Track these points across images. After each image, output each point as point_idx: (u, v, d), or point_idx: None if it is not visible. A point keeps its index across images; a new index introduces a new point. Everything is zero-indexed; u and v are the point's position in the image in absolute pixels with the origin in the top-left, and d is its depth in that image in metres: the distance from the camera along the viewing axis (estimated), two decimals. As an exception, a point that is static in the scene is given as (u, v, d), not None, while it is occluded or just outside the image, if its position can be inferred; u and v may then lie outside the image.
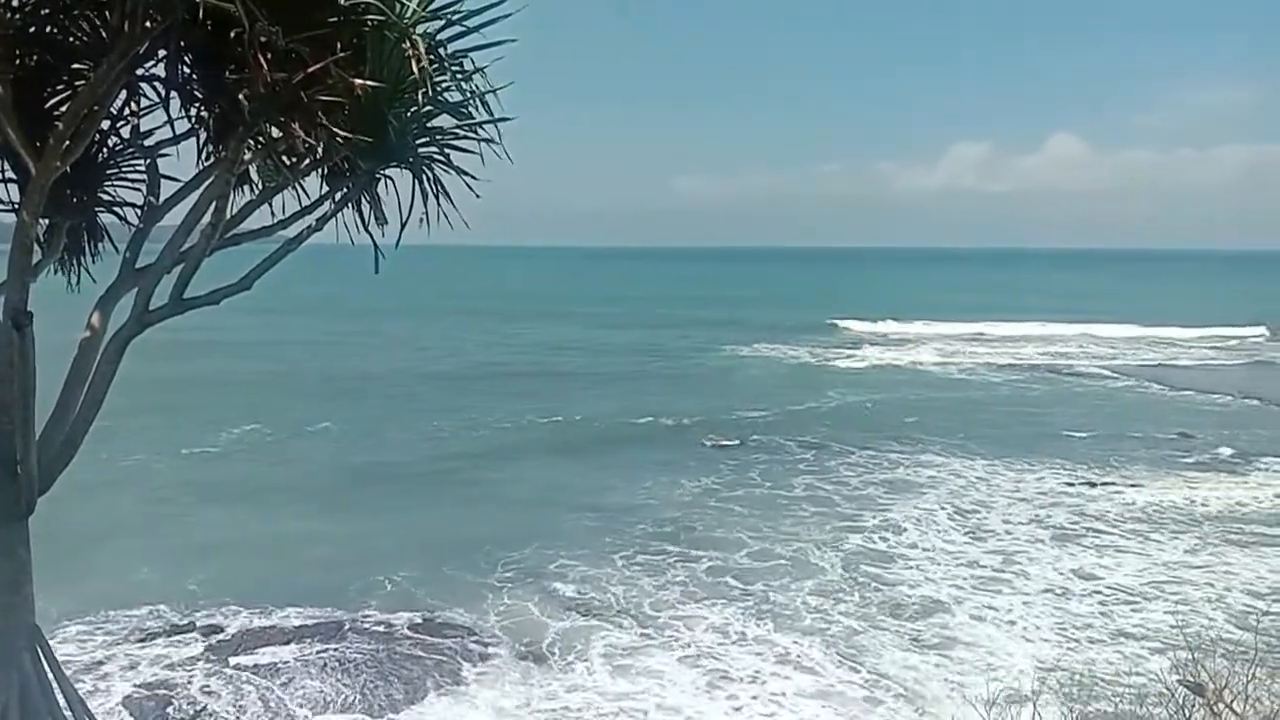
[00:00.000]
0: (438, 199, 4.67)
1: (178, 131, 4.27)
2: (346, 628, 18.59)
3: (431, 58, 4.32)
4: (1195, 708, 6.29)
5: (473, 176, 4.68)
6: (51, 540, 6.55)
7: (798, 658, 17.72)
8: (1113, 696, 14.22)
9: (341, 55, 3.77)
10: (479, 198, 4.71)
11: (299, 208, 4.74)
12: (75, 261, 5.02)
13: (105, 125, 4.37)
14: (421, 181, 4.63)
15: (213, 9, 3.33)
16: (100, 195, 4.70)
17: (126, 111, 4.41)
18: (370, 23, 3.95)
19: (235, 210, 4.63)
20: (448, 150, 4.65)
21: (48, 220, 4.54)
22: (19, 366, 3.79)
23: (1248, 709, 5.96)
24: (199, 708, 15.62)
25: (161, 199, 4.63)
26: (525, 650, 17.91)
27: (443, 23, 4.43)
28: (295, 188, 4.67)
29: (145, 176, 4.66)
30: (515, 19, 4.44)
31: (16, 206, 3.99)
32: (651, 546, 23.66)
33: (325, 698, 16.09)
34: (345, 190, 4.69)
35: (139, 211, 4.70)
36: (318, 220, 4.72)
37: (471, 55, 4.56)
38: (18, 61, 3.88)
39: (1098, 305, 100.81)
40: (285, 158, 4.47)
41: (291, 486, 28.42)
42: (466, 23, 4.45)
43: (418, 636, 18.32)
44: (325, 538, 23.66)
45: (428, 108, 4.46)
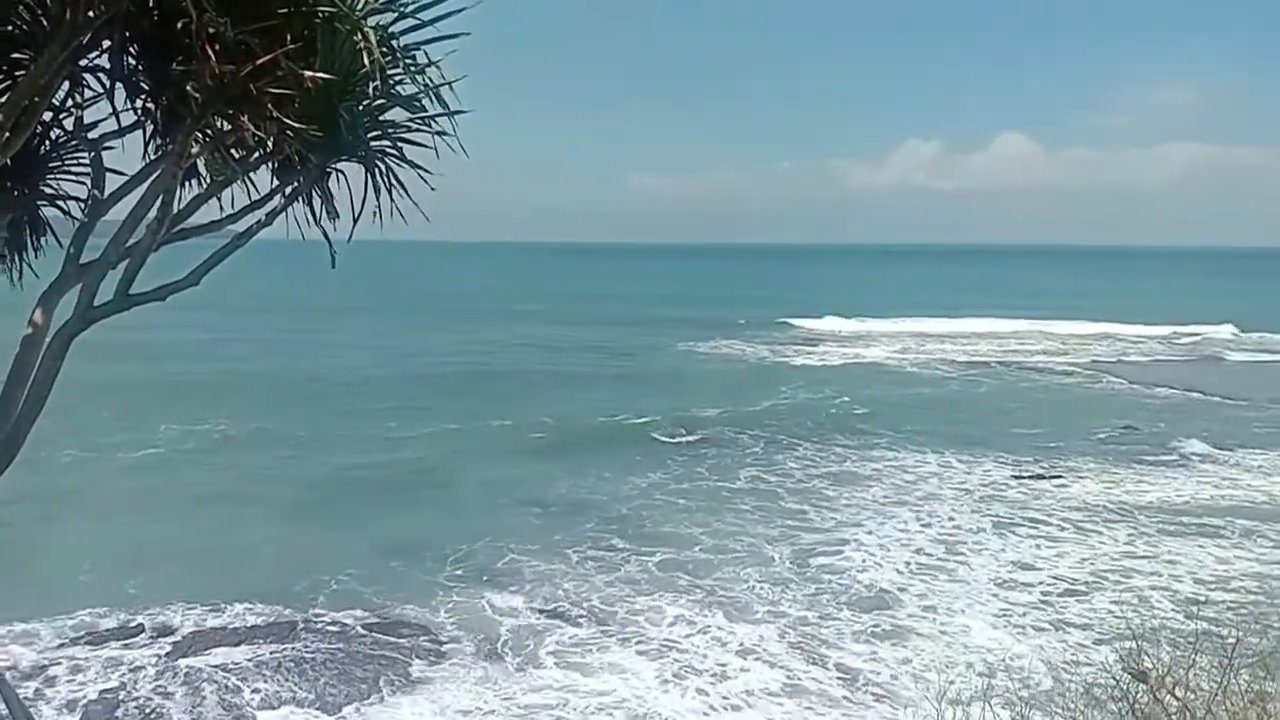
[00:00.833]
0: (390, 193, 4.63)
1: (123, 124, 4.18)
2: (300, 627, 18.39)
3: (384, 50, 4.28)
4: (1139, 695, 6.44)
5: (426, 170, 4.64)
6: (-8, 542, 6.40)
7: (760, 650, 17.84)
8: (1060, 684, 14.51)
9: (292, 47, 3.72)
10: (433, 190, 4.67)
11: (248, 202, 4.67)
12: (17, 257, 4.90)
13: (47, 117, 4.27)
14: (374, 175, 4.59)
15: (159, -2, 3.27)
16: (42, 189, 4.59)
17: (69, 103, 4.31)
18: (321, 14, 3.89)
19: (183, 204, 4.54)
20: (401, 144, 4.61)
21: (-12, 214, 4.43)
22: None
23: (1189, 695, 6.12)
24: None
25: (106, 193, 4.53)
26: (481, 648, 17.84)
27: (395, 15, 4.39)
28: (244, 181, 4.60)
29: (89, 170, 4.56)
30: (471, 13, 4.41)
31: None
32: (604, 542, 23.69)
33: (280, 697, 15.92)
34: (296, 184, 4.63)
35: (83, 205, 4.60)
36: (268, 214, 4.65)
37: (425, 49, 4.52)
38: (-46, 51, 3.78)
39: (1050, 301, 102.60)
40: (234, 151, 4.40)
41: (238, 487, 27.97)
42: (420, 15, 4.40)
43: (372, 635, 18.18)
44: (274, 538, 23.37)
45: (380, 101, 4.41)
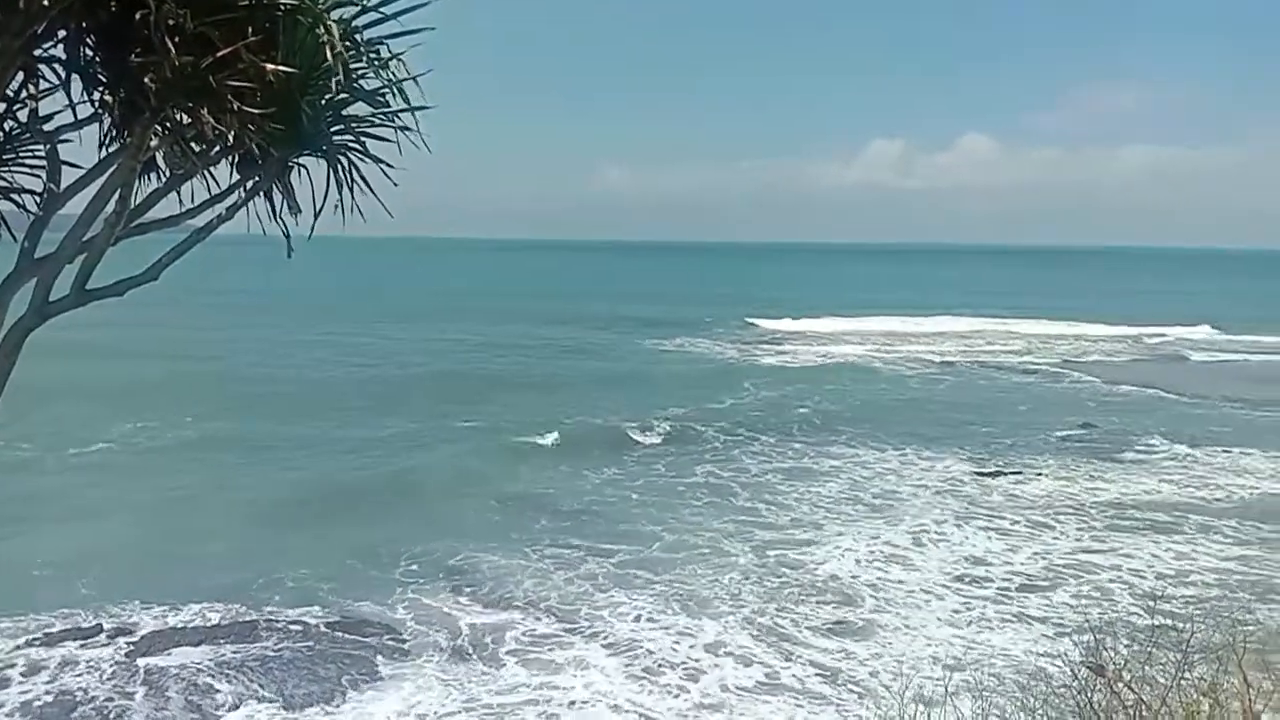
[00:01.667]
0: (353, 189, 4.59)
1: (80, 116, 4.11)
2: (261, 627, 18.21)
3: (347, 44, 4.25)
4: (1096, 688, 6.54)
5: (389, 165, 4.61)
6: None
7: (729, 645, 17.94)
8: (1021, 679, 14.70)
9: (253, 39, 3.67)
10: (396, 186, 4.64)
11: (208, 196, 4.61)
12: (-31, 251, 4.80)
13: (1, 109, 4.19)
14: (336, 170, 4.55)
15: (117, -12, 3.22)
16: (-4, 182, 4.49)
17: (24, 94, 4.23)
18: (283, 7, 3.86)
19: (141, 198, 4.47)
20: (364, 138, 4.57)
21: (-62, 208, 4.33)
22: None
23: (1145, 688, 6.23)
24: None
25: (63, 186, 4.45)
26: (446, 646, 17.76)
27: (359, 9, 4.36)
28: (204, 175, 4.54)
29: (45, 163, 4.48)
30: (436, 6, 4.39)
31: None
32: (564, 540, 23.71)
33: (241, 697, 15.76)
34: (257, 178, 4.58)
35: (38, 199, 4.51)
36: (228, 209, 4.60)
37: (389, 43, 4.50)
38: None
39: (1015, 300, 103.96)
40: (194, 144, 4.34)
41: (194, 488, 27.57)
42: (384, 9, 4.38)
43: (335, 634, 18.05)
44: (232, 538, 23.09)
45: (343, 95, 4.37)
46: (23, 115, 4.35)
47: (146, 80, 3.74)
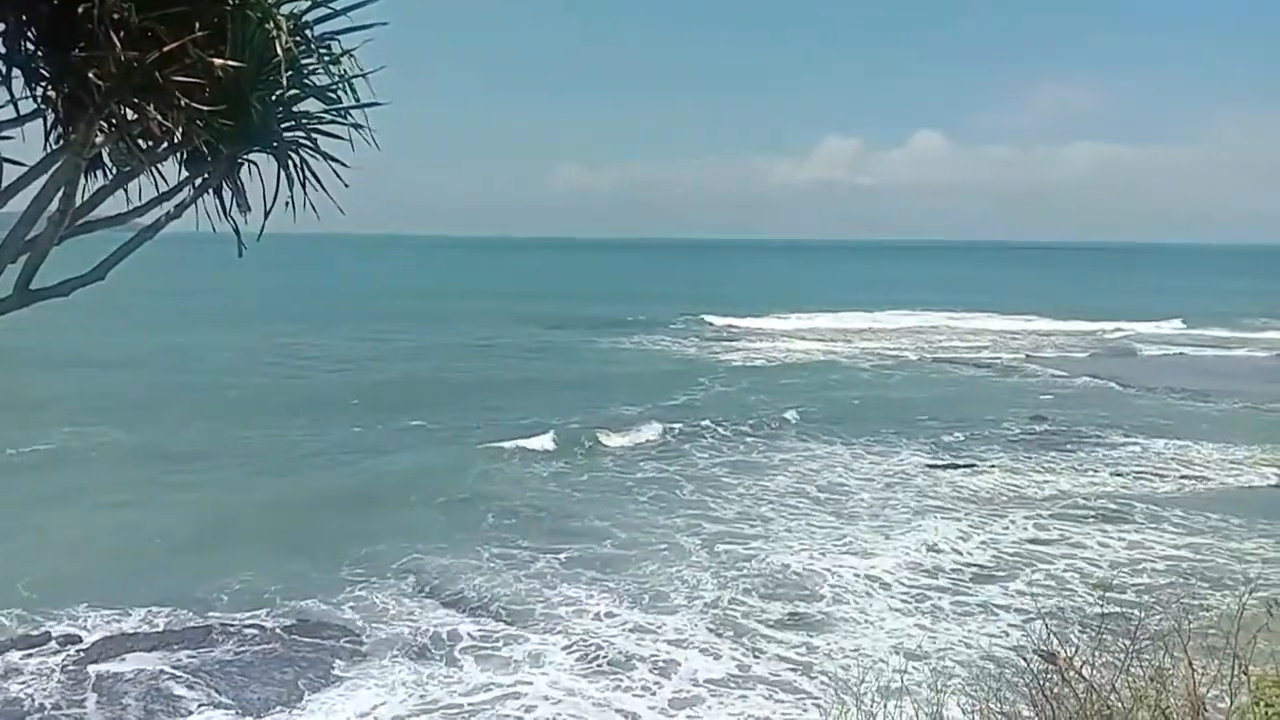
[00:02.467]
0: (304, 186, 4.54)
1: (22, 112, 4.03)
2: (215, 631, 17.93)
3: (298, 39, 4.20)
4: (1049, 676, 6.67)
5: (341, 163, 4.56)
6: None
7: (692, 640, 17.99)
8: (975, 669, 14.94)
9: (200, 34, 3.62)
10: (347, 186, 4.59)
11: (156, 194, 4.53)
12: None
13: (-62, 104, 4.09)
14: (287, 167, 4.49)
15: (58, -19, 3.16)
16: (-66, 180, 4.39)
17: (-38, 90, 4.13)
18: (232, 1, 3.80)
19: (86, 196, 4.39)
20: (315, 135, 4.52)
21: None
22: None
23: (1095, 675, 6.36)
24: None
25: (4, 184, 4.35)
26: (403, 646, 17.61)
27: (310, 3, 4.31)
28: (151, 172, 4.47)
29: (-15, 160, 4.38)
30: (386, 3, 4.35)
31: None
32: (515, 539, 23.52)
33: (199, 703, 15.52)
34: (205, 176, 4.51)
35: (-22, 197, 4.41)
36: (176, 207, 4.52)
37: (340, 38, 4.45)
38: None
39: (969, 296, 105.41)
40: (140, 141, 4.26)
41: (136, 492, 26.89)
42: (334, 4, 4.33)
43: (290, 637, 17.83)
44: (179, 542, 22.74)
45: (293, 91, 4.32)
46: (-39, 111, 4.25)
47: (90, 76, 3.66)
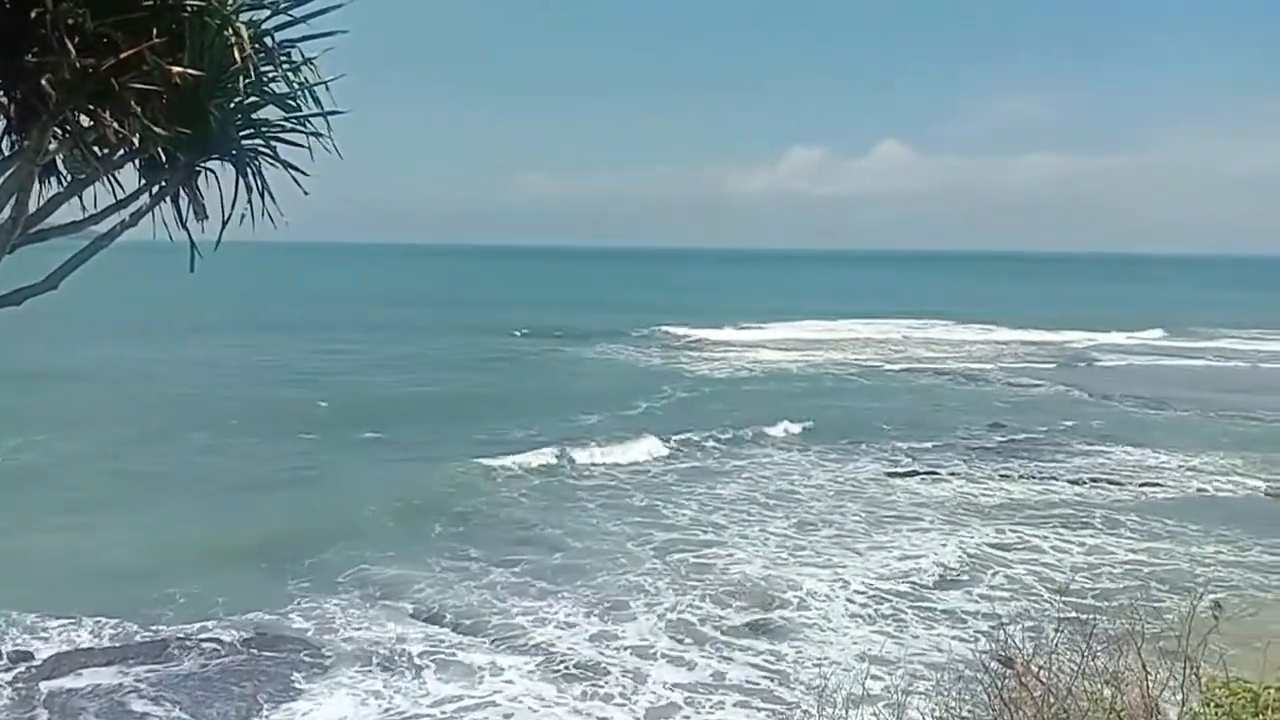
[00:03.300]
0: (263, 195, 4.50)
1: (-27, 118, 3.96)
2: (172, 646, 17.64)
3: (257, 47, 4.17)
4: (1007, 680, 6.75)
5: (301, 172, 4.54)
6: None
7: (655, 648, 18.01)
8: (934, 674, 15.05)
9: (158, 41, 3.58)
10: (306, 194, 4.56)
11: (112, 201, 4.47)
12: None
13: (-113, 110, 4.01)
14: (246, 175, 4.46)
15: (10, -14, 3.12)
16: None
17: (-89, 95, 4.06)
18: (190, 8, 3.77)
19: (40, 203, 4.33)
20: (274, 144, 4.49)
21: None
22: None
23: (1052, 678, 6.45)
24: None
25: (-45, 190, 4.28)
26: (363, 658, 17.43)
27: (269, 11, 4.28)
28: (107, 180, 4.41)
29: (-65, 166, 4.30)
30: (350, 9, 4.34)
31: None
32: (469, 549, 23.43)
33: (157, 718, 15.26)
34: (163, 183, 4.46)
35: (-72, 204, 4.33)
36: (132, 215, 4.47)
37: (300, 46, 4.43)
38: None
39: (932, 305, 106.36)
40: (96, 148, 4.21)
41: (88, 504, 26.39)
42: (294, 12, 4.31)
43: (249, 651, 17.58)
44: (134, 555, 22.19)
45: (252, 99, 4.29)
46: (-89, 117, 4.18)
47: (44, 82, 3.62)
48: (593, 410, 41.30)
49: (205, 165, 4.50)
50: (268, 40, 4.33)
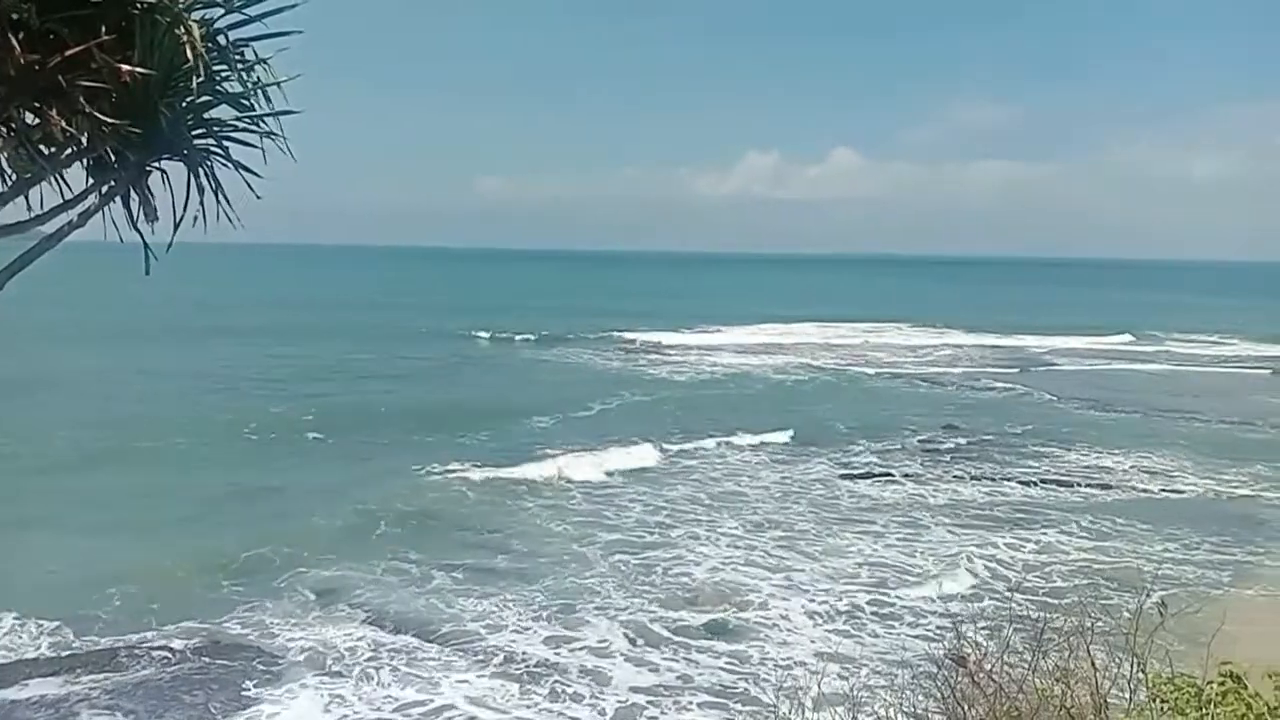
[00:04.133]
0: (215, 195, 4.45)
1: (-87, 115, 3.87)
2: (120, 654, 17.30)
3: (209, 45, 4.12)
4: (959, 678, 6.84)
5: (254, 173, 4.49)
6: None
7: (615, 652, 17.97)
8: (889, 674, 15.21)
9: (106, 38, 3.53)
10: (259, 198, 4.51)
11: (60, 201, 4.39)
12: None
13: None
14: (198, 176, 4.40)
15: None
16: None
17: None
18: (139, 5, 3.72)
19: (-16, 203, 4.24)
20: (227, 144, 4.44)
21: None
22: None
23: (1004, 675, 6.55)
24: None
25: (-106, 189, 4.18)
26: (316, 665, 17.21)
27: (222, 10, 4.24)
28: (54, 179, 4.33)
29: (-126, 164, 4.20)
30: (306, 10, 4.31)
31: None
32: (418, 553, 23.20)
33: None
34: (111, 183, 4.39)
35: None
36: (80, 215, 4.39)
37: (254, 45, 4.39)
38: None
39: (887, 309, 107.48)
40: (42, 146, 4.13)
41: (29, 508, 25.82)
42: (248, 11, 4.27)
43: (199, 659, 17.29)
44: (75, 561, 21.76)
45: (204, 98, 4.24)
46: None
47: (-12, 79, 3.55)
48: (548, 415, 41.17)
49: (156, 165, 4.44)
50: (221, 39, 4.28)
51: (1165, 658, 6.40)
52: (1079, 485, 30.71)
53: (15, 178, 4.41)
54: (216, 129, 4.41)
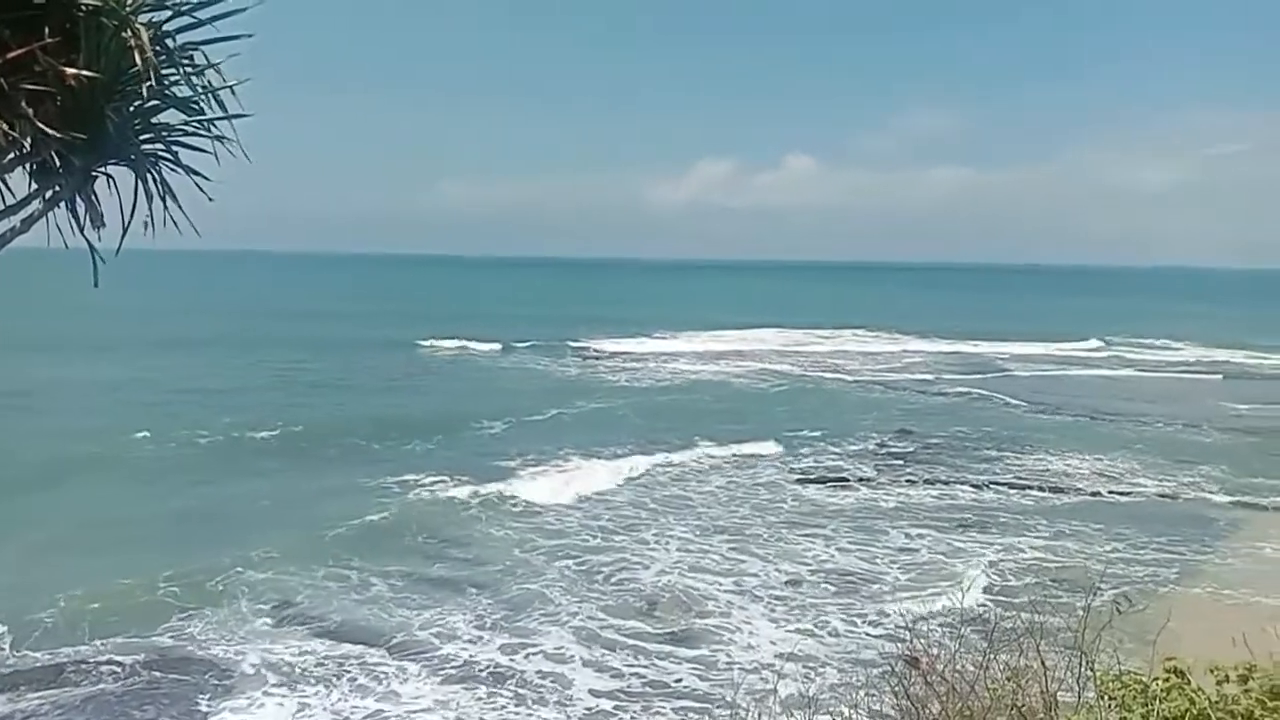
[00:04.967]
0: (164, 201, 4.39)
1: None
2: (67, 670, 16.93)
3: (158, 49, 4.07)
4: (912, 680, 6.92)
5: (204, 177, 4.44)
6: None
7: (572, 657, 17.91)
8: (844, 676, 15.34)
9: (50, 41, 3.48)
10: (211, 200, 4.46)
11: (1, 206, 4.31)
12: None
13: None
14: (146, 181, 4.34)
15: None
16: None
17: None
18: (84, 7, 3.67)
19: (-77, 208, 4.15)
20: (176, 148, 4.38)
21: None
22: None
23: (956, 675, 6.64)
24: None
25: None
26: (270, 678, 16.95)
27: (170, 13, 4.19)
28: (-4, 184, 4.25)
29: None
30: (262, 11, 4.28)
31: None
32: (358, 562, 23.01)
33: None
34: (56, 189, 4.32)
35: None
36: (23, 221, 4.31)
37: (204, 49, 4.34)
38: None
39: (842, 315, 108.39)
40: (-17, 151, 4.06)
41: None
42: (197, 14, 4.22)
43: (150, 674, 16.96)
44: (18, 575, 21.36)
45: (153, 102, 4.18)
46: None
47: (-72, 81, 3.48)
48: (502, 422, 41.01)
49: (102, 170, 4.37)
50: (169, 42, 4.23)
51: (1114, 655, 6.52)
52: (1031, 488, 31.17)
53: (-44, 183, 4.33)
54: (165, 134, 4.35)
